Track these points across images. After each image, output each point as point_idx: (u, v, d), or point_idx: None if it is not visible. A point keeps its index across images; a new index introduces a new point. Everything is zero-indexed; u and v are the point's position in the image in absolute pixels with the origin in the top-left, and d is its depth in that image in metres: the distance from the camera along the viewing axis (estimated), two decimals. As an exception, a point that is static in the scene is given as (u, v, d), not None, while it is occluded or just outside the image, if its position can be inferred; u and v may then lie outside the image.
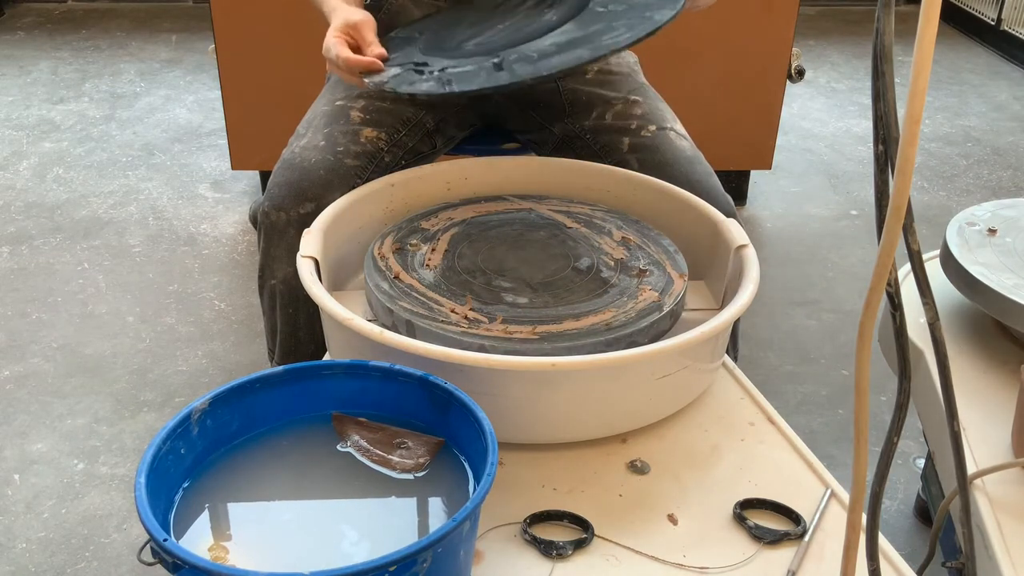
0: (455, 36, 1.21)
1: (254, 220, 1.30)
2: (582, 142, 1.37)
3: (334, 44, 1.14)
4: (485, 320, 0.99)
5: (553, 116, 1.40)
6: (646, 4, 1.10)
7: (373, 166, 1.28)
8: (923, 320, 0.99)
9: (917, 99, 0.50)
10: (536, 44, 1.10)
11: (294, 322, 1.29)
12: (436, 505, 0.80)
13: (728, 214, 1.20)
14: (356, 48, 1.16)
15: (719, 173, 1.34)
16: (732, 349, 1.30)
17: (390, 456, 0.84)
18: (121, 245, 2.31)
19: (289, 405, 0.87)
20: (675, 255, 1.14)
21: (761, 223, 2.50)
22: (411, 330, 0.98)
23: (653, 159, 1.30)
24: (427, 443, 0.85)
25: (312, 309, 1.26)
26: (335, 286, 1.17)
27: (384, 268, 1.08)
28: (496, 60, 1.09)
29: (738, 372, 1.11)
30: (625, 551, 0.85)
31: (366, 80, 1.13)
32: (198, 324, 2.00)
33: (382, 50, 1.16)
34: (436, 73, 1.10)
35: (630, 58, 1.48)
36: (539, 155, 1.44)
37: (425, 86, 1.08)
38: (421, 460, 0.83)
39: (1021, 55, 3.72)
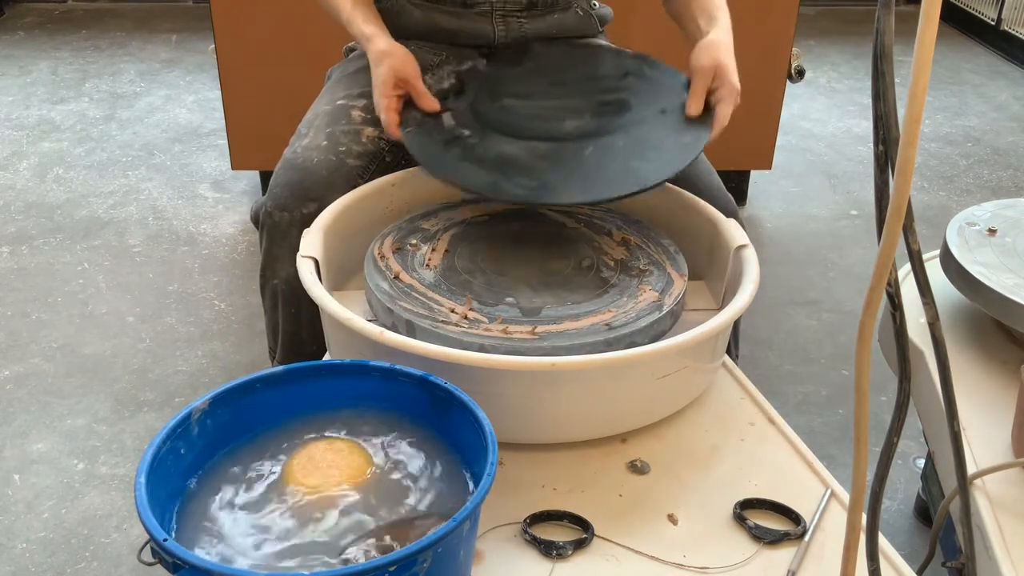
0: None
1: (256, 220, 1.30)
2: None
3: (384, 109, 1.18)
4: (485, 320, 0.99)
5: None
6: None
7: (375, 166, 1.28)
8: (923, 320, 0.99)
9: (917, 99, 0.50)
10: None
11: (296, 322, 1.29)
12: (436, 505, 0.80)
13: (729, 213, 1.20)
14: (408, 99, 1.21)
15: (719, 173, 1.34)
16: (733, 349, 1.30)
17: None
18: (121, 245, 2.31)
19: (289, 405, 0.87)
20: (675, 255, 1.14)
21: (761, 223, 2.50)
22: (411, 330, 0.98)
23: None
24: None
25: (314, 309, 1.25)
26: (336, 286, 1.17)
27: (384, 268, 1.08)
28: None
29: (738, 372, 1.11)
30: (625, 551, 0.85)
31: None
32: (198, 324, 2.00)
33: (435, 103, 1.22)
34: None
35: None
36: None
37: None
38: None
39: (1021, 55, 3.72)
